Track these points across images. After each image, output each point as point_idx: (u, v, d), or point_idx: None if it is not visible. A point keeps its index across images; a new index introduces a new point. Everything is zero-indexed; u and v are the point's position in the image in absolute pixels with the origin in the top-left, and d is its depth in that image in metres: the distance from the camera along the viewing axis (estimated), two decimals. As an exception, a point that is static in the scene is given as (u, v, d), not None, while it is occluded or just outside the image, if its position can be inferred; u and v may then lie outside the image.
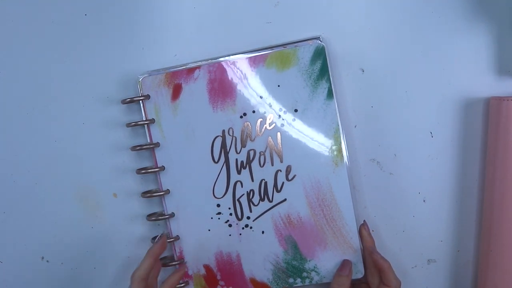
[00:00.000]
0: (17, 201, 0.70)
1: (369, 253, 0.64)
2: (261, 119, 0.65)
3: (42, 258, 0.71)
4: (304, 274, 0.67)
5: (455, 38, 0.64)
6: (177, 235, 0.68)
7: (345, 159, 0.64)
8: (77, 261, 0.71)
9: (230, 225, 0.67)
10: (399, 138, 0.66)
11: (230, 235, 0.67)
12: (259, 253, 0.67)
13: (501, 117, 0.60)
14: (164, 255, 0.70)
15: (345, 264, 0.65)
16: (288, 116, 0.64)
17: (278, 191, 0.65)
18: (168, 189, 0.67)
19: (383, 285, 0.63)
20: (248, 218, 0.66)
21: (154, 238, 0.68)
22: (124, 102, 0.65)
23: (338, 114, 0.64)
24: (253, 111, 0.65)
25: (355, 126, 0.66)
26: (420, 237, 0.68)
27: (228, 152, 0.65)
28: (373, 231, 0.67)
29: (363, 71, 0.65)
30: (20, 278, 0.72)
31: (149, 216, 0.68)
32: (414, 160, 0.66)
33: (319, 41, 0.63)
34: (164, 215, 0.67)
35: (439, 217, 0.67)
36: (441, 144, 0.66)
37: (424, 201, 0.67)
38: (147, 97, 0.65)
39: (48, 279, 0.71)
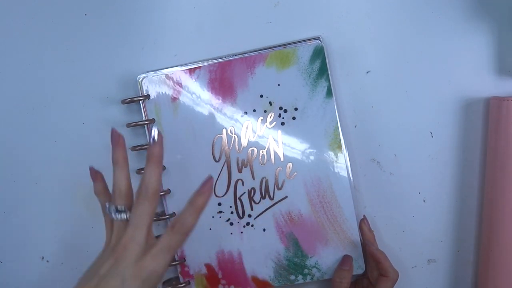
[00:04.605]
0: (17, 201, 0.70)
1: (366, 247, 0.65)
2: (262, 118, 0.65)
3: (42, 258, 0.71)
4: (306, 271, 0.67)
5: (455, 38, 0.64)
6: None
7: (345, 156, 0.64)
8: (77, 261, 0.71)
9: (231, 224, 0.67)
10: (399, 138, 0.66)
11: (231, 233, 0.67)
12: (261, 251, 0.67)
13: (501, 117, 0.61)
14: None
15: (346, 259, 0.65)
16: (288, 115, 0.64)
17: (279, 189, 0.66)
18: (168, 189, 0.67)
19: (381, 276, 0.63)
20: (250, 216, 0.66)
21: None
22: (124, 102, 0.65)
23: (337, 112, 0.64)
24: (254, 110, 0.65)
25: (355, 126, 0.66)
26: (420, 237, 0.68)
27: (229, 151, 0.66)
28: (373, 230, 0.67)
29: (364, 71, 0.65)
30: (20, 278, 0.72)
31: (149, 216, 0.67)
32: (414, 160, 0.66)
33: (319, 41, 0.63)
34: (164, 215, 0.67)
35: (439, 217, 0.67)
36: (441, 144, 0.66)
37: (424, 201, 0.67)
38: (147, 97, 0.66)
39: (48, 279, 0.71)
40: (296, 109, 0.64)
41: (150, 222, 0.50)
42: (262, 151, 0.65)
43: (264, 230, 0.67)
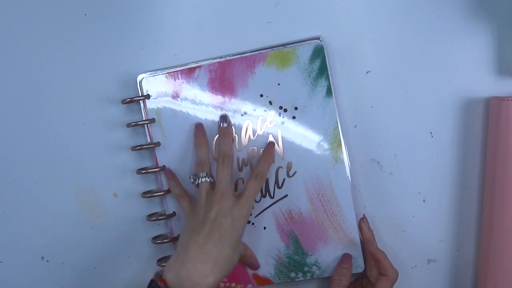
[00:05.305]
0: (17, 201, 0.70)
1: (365, 245, 0.65)
2: (262, 117, 0.65)
3: (42, 258, 0.71)
4: (306, 268, 0.67)
5: (455, 38, 0.64)
6: (179, 234, 0.67)
7: (345, 155, 0.65)
8: (77, 261, 0.71)
9: None
10: (399, 138, 0.66)
11: None
12: (261, 249, 0.67)
13: (501, 117, 0.60)
14: (165, 254, 0.69)
15: (345, 258, 0.65)
16: (288, 114, 0.64)
17: (279, 187, 0.66)
18: (169, 189, 0.67)
19: (381, 275, 0.63)
20: (250, 214, 0.66)
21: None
22: (124, 102, 0.65)
23: (337, 111, 0.64)
24: (254, 110, 0.65)
25: (355, 126, 0.66)
26: (420, 237, 0.68)
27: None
28: (373, 230, 0.67)
29: (364, 71, 0.65)
30: (20, 278, 0.72)
31: (149, 216, 0.67)
32: (414, 160, 0.66)
33: (319, 41, 0.63)
34: (164, 215, 0.67)
35: (439, 217, 0.67)
36: (441, 144, 0.66)
37: (424, 201, 0.67)
38: (147, 97, 0.66)
39: (48, 279, 0.71)
40: (296, 108, 0.64)
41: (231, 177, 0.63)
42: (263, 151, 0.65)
43: (264, 228, 0.67)
